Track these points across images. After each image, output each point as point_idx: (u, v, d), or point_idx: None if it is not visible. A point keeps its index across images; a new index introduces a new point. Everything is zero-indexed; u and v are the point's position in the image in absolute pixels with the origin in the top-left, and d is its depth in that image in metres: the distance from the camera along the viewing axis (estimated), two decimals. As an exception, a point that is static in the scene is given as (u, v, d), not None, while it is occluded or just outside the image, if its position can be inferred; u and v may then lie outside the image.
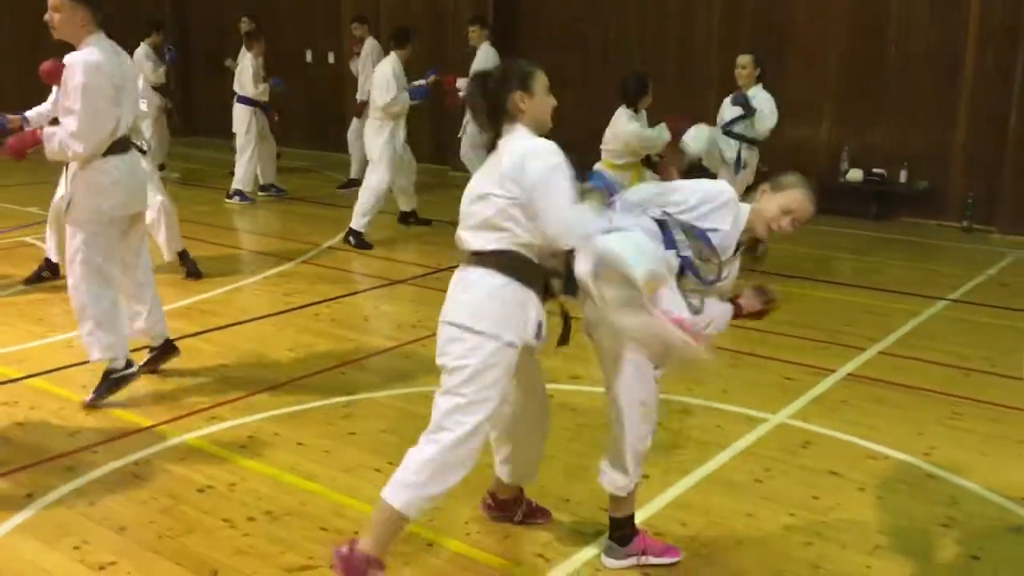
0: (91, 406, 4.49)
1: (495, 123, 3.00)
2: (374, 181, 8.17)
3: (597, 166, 6.72)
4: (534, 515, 3.49)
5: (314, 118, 13.33)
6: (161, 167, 11.18)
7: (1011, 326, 5.99)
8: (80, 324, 4.52)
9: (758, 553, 3.37)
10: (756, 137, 7.07)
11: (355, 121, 10.77)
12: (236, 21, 11.64)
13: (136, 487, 3.76)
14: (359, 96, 10.68)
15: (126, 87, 4.37)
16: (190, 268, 6.90)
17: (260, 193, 10.39)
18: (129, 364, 4.59)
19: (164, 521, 3.50)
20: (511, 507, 3.47)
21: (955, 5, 9.15)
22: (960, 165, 9.37)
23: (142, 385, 4.81)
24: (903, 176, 9.56)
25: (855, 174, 9.72)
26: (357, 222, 8.13)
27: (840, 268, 7.74)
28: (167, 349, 4.94)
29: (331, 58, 13.49)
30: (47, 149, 4.29)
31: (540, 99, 2.98)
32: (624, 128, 6.62)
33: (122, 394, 4.64)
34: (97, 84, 4.17)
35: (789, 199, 3.08)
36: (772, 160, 7.30)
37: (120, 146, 4.40)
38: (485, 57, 9.45)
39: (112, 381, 4.54)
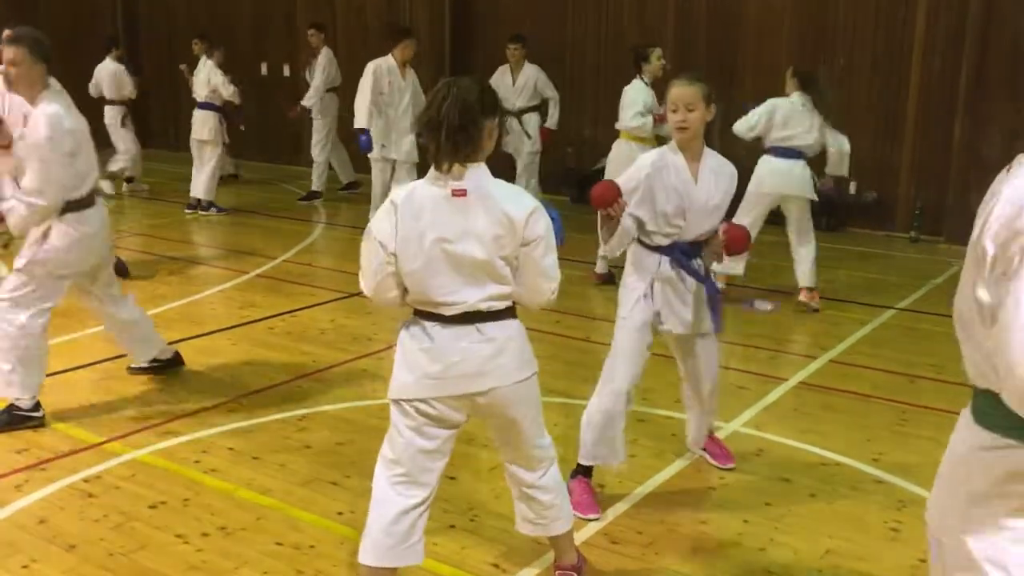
0: None
1: (454, 154, 2.65)
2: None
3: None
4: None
5: (269, 131, 13.25)
6: (130, 179, 11.16)
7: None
8: (1, 359, 4.35)
9: (712, 560, 3.41)
10: None
11: (314, 133, 10.83)
12: (189, 38, 11.65)
13: (87, 504, 3.71)
14: (303, 102, 10.74)
15: (84, 139, 4.36)
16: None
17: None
18: (37, 407, 4.42)
19: (115, 538, 3.46)
20: None
21: (901, 19, 9.34)
22: (908, 177, 9.56)
23: (93, 400, 4.75)
24: (852, 188, 9.73)
25: (806, 186, 9.86)
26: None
27: (791, 278, 7.84)
28: (176, 361, 5.19)
29: (286, 71, 13.42)
30: (11, 225, 4.28)
31: (496, 132, 2.76)
32: (627, 95, 6.97)
33: (73, 410, 4.59)
34: (59, 137, 4.17)
35: None
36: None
37: (92, 198, 4.43)
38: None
39: (14, 417, 4.36)
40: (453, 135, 2.62)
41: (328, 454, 4.21)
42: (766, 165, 6.79)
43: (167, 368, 5.15)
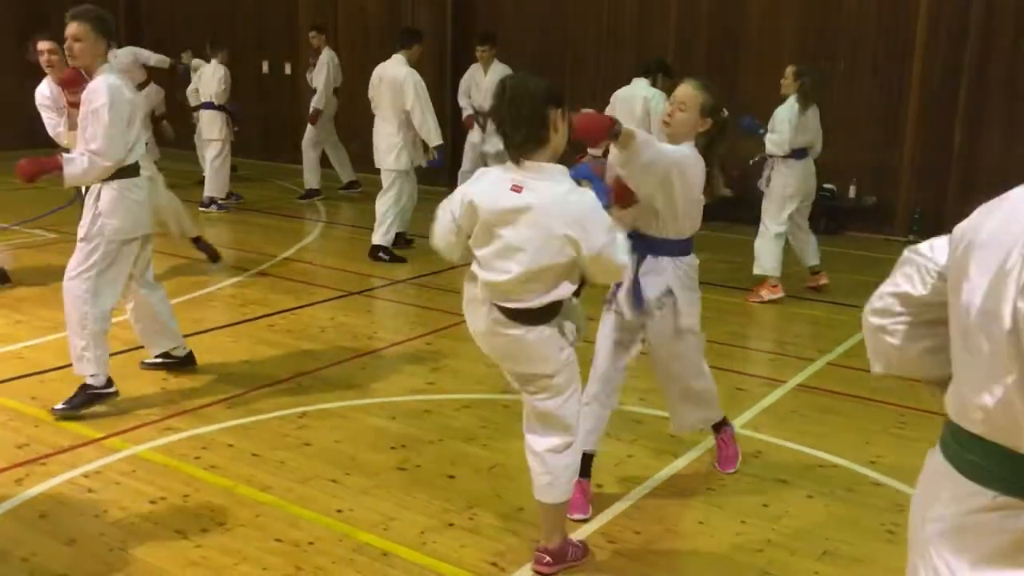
0: (60, 416, 4.45)
1: (523, 146, 2.86)
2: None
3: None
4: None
5: (270, 129, 13.27)
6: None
7: (955, 338, 6.11)
8: (76, 338, 4.51)
9: (710, 560, 3.43)
10: None
11: (309, 130, 10.76)
12: (191, 37, 11.73)
13: (87, 499, 3.72)
14: (314, 105, 10.67)
15: (138, 110, 4.57)
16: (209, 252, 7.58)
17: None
18: (109, 383, 4.59)
19: (115, 533, 3.47)
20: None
21: (902, 22, 9.37)
22: (907, 181, 9.57)
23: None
24: (852, 191, 9.75)
25: (806, 189, 9.87)
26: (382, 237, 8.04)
27: (790, 281, 7.86)
28: (188, 360, 5.23)
29: (287, 69, 13.44)
30: (67, 173, 4.36)
31: (566, 123, 2.91)
32: (658, 103, 7.06)
33: (73, 406, 4.59)
34: (119, 103, 4.35)
35: None
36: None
37: (137, 168, 4.58)
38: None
39: (89, 396, 4.53)
40: (511, 130, 2.86)
41: (327, 452, 4.22)
42: (791, 168, 6.97)
43: (179, 366, 5.17)
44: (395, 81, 7.78)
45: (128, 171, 4.51)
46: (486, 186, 2.98)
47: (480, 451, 4.21)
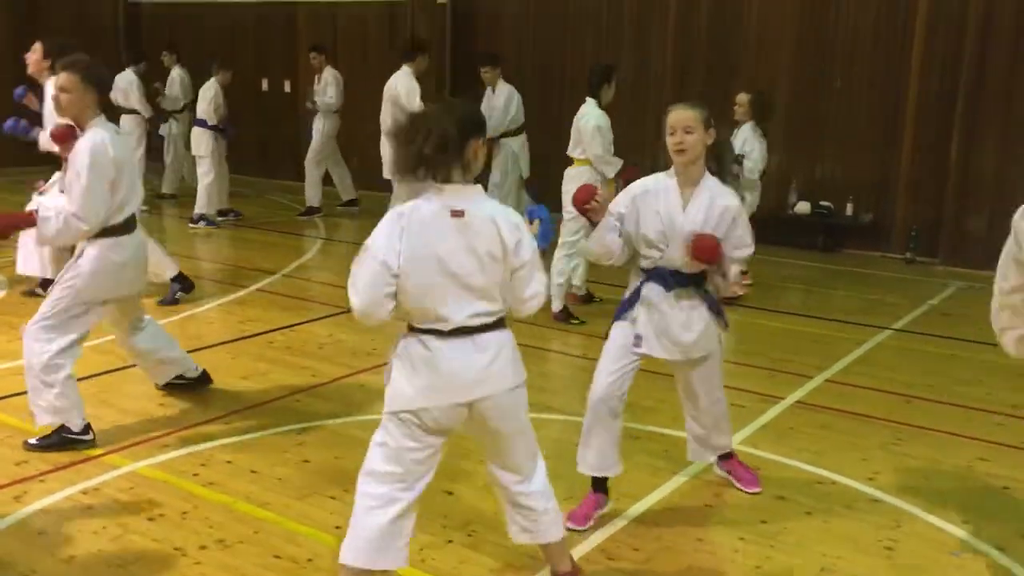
0: (28, 449, 4.30)
1: (448, 171, 2.80)
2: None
3: (569, 170, 6.90)
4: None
5: (269, 146, 13.33)
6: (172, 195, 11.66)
7: (952, 355, 6.16)
8: (38, 390, 4.30)
9: (708, 577, 3.43)
10: None
11: (312, 147, 10.83)
12: (191, 54, 11.85)
13: (85, 516, 3.72)
14: (320, 110, 10.80)
15: (127, 168, 4.32)
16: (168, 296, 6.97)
17: (219, 217, 10.35)
18: (86, 430, 4.38)
19: (113, 550, 3.47)
20: None
21: (898, 38, 9.42)
22: (904, 198, 9.61)
23: (92, 413, 4.74)
24: (849, 209, 9.79)
25: (803, 207, 9.92)
26: None
27: (788, 298, 7.89)
28: (204, 379, 5.16)
29: (287, 87, 13.50)
30: (42, 232, 4.13)
31: (484, 151, 2.90)
32: (587, 121, 6.53)
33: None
34: (101, 165, 4.14)
35: None
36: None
37: (129, 226, 4.39)
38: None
39: (63, 440, 4.32)
40: (438, 155, 2.77)
41: (326, 468, 4.23)
42: (756, 188, 7.56)
43: (194, 387, 5.09)
44: (398, 95, 7.91)
45: (115, 230, 4.30)
46: (425, 227, 2.81)
47: (478, 467, 4.20)
